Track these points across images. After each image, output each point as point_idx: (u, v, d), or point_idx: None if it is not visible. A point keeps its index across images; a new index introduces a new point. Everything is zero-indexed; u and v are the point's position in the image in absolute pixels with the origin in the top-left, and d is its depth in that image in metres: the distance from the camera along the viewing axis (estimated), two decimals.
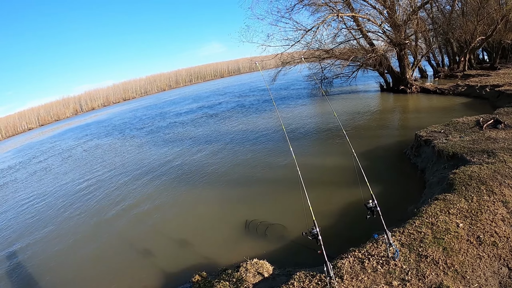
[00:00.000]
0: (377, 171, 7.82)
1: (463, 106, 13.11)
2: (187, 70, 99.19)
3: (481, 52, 25.07)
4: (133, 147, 17.82)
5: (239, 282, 4.44)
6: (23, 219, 10.38)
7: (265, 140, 13.22)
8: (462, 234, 4.12)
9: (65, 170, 16.18)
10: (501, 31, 17.35)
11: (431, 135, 8.37)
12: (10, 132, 65.13)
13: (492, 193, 4.89)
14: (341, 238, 5.34)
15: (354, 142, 4.89)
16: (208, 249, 6.21)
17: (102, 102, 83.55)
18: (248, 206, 7.72)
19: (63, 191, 12.46)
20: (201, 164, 11.78)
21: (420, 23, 17.51)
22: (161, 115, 30.42)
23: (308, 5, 17.50)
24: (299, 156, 9.89)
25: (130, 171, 12.94)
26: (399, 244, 4.17)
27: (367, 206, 4.02)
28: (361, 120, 13.91)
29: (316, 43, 18.80)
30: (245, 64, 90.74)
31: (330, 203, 6.81)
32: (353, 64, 20.52)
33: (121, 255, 6.80)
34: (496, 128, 7.82)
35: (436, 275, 3.57)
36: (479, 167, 5.79)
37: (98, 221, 8.80)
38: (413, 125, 11.36)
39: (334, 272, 3.88)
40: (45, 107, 77.48)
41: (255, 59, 21.40)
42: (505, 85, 13.18)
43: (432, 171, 7.06)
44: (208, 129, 18.41)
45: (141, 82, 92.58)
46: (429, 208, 4.83)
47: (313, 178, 8.05)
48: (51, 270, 6.83)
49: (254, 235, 6.35)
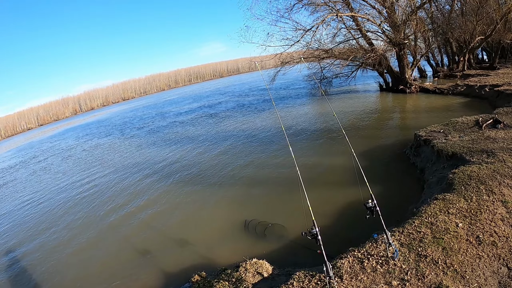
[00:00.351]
0: (376, 171, 7.82)
1: (462, 106, 13.12)
2: (187, 70, 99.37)
3: (480, 52, 25.10)
4: (132, 147, 17.81)
5: (238, 282, 4.44)
6: (23, 218, 10.37)
7: (265, 140, 13.22)
8: (462, 234, 4.12)
9: (64, 169, 16.17)
10: (500, 31, 17.36)
11: (431, 135, 8.37)
12: (9, 132, 65.17)
13: (491, 193, 4.89)
14: (341, 238, 5.33)
15: (354, 142, 4.88)
16: (207, 249, 6.20)
17: (102, 102, 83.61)
18: (247, 206, 7.71)
19: (62, 191, 12.44)
20: (199, 164, 11.77)
21: (420, 23, 17.53)
22: (161, 115, 30.44)
23: (308, 5, 17.51)
24: (299, 156, 9.91)
25: (129, 171, 12.93)
26: (399, 244, 4.17)
27: (367, 206, 4.01)
28: (360, 120, 13.91)
29: (315, 43, 18.80)
30: (244, 64, 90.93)
31: (329, 203, 6.80)
32: (352, 64, 20.53)
33: (120, 255, 6.78)
34: (496, 128, 7.82)
35: (435, 275, 3.57)
36: (479, 166, 5.79)
37: (98, 221, 8.79)
38: (412, 125, 11.37)
39: (334, 272, 3.88)
40: (44, 107, 77.59)
41: (255, 59, 21.35)
42: (504, 85, 13.19)
43: (431, 171, 7.06)
44: (207, 129, 18.39)
45: (140, 82, 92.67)
46: (428, 208, 4.83)
47: (313, 178, 8.05)
48: (50, 270, 6.81)
49: (254, 235, 6.34)
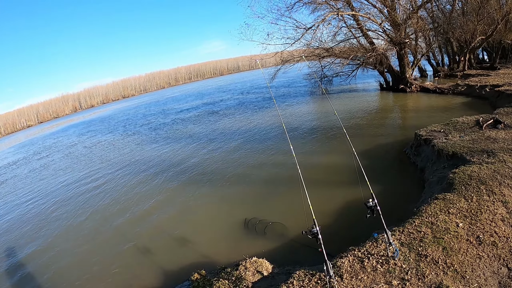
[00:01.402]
0: (377, 170, 7.81)
1: (462, 105, 13.11)
2: (187, 68, 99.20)
3: (481, 52, 25.06)
4: (133, 145, 17.81)
5: (238, 281, 4.44)
6: (19, 218, 10.37)
7: (265, 139, 13.21)
8: (462, 234, 4.12)
9: (65, 166, 16.15)
10: (501, 31, 17.32)
11: (431, 135, 8.36)
12: (9, 129, 65.11)
13: (491, 193, 4.89)
14: (341, 237, 5.33)
15: (354, 141, 4.87)
16: (207, 248, 6.20)
17: (101, 99, 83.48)
18: (248, 205, 7.71)
19: (63, 189, 12.43)
20: (200, 162, 11.77)
21: (421, 22, 17.47)
22: (163, 112, 30.53)
23: (308, 4, 17.44)
24: (299, 155, 9.86)
25: (130, 169, 12.92)
26: (399, 243, 4.17)
27: (367, 205, 4.02)
28: (361, 119, 13.90)
29: (316, 42, 18.78)
30: (244, 62, 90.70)
31: (330, 202, 6.80)
32: (353, 63, 20.53)
33: (120, 253, 6.78)
34: (496, 128, 7.82)
35: (435, 275, 3.57)
36: (479, 166, 5.79)
37: (98, 219, 8.79)
38: (412, 124, 11.36)
39: (334, 271, 3.88)
40: (44, 104, 77.48)
41: (255, 57, 21.34)
42: (505, 85, 13.17)
43: (431, 171, 7.06)
44: (208, 127, 18.37)
45: (140, 79, 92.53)
46: (429, 208, 4.83)
47: (313, 176, 8.04)
48: (50, 268, 6.81)
49: (254, 233, 6.34)
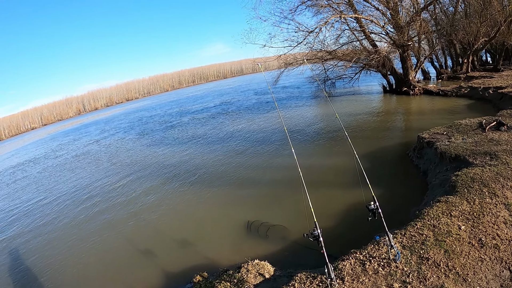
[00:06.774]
0: (379, 173, 7.80)
1: (466, 108, 13.06)
2: (190, 70, 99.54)
3: (484, 53, 24.93)
4: (139, 147, 17.92)
5: (240, 283, 4.45)
6: (23, 216, 10.46)
7: (267, 141, 13.23)
8: (464, 237, 4.11)
9: (70, 168, 16.27)
10: (504, 33, 17.25)
11: (434, 137, 8.34)
12: (13, 132, 65.63)
13: (494, 196, 4.87)
14: (343, 239, 5.33)
15: (356, 143, 4.89)
16: (209, 250, 6.22)
17: (105, 102, 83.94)
18: (250, 207, 7.73)
19: (66, 190, 12.52)
20: (202, 164, 11.81)
21: (423, 24, 17.46)
22: (169, 115, 30.69)
23: (311, 6, 17.49)
24: (301, 158, 9.85)
25: (133, 171, 12.99)
26: (401, 246, 4.17)
27: (369, 208, 4.02)
28: (363, 121, 13.89)
29: (318, 44, 18.83)
30: (248, 65, 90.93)
31: (331, 204, 6.80)
32: (356, 65, 20.50)
33: (122, 255, 6.83)
34: (499, 130, 7.78)
35: (437, 278, 3.56)
36: (482, 169, 5.77)
37: (100, 221, 8.85)
38: (415, 126, 11.34)
39: (335, 274, 3.89)
40: (48, 107, 78.02)
41: (258, 60, 21.40)
42: (508, 87, 13.11)
43: (434, 173, 7.04)
44: (210, 130, 18.44)
45: (144, 82, 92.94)
46: (431, 210, 4.82)
47: (315, 179, 8.04)
48: (52, 269, 6.87)
49: (256, 236, 6.35)
